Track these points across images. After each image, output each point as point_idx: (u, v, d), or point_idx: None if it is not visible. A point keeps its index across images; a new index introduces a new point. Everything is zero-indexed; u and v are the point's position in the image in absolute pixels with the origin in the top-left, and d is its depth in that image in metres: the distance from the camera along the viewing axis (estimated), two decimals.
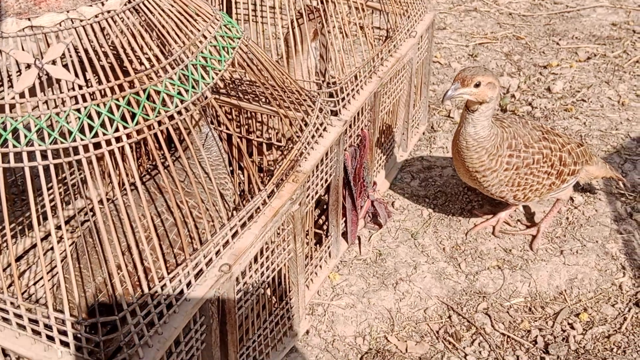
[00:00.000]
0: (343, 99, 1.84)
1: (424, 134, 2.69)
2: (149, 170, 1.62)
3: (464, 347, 1.78)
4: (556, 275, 1.99)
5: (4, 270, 1.75)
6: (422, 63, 2.48)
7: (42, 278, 1.79)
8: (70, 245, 1.51)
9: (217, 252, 1.33)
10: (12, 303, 1.14)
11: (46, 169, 1.17)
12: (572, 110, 2.75)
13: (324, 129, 1.72)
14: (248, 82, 1.83)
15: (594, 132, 2.61)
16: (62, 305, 1.24)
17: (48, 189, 1.10)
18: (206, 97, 1.31)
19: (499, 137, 1.87)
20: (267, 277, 1.55)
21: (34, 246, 1.91)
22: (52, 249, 1.57)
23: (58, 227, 1.62)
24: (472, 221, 2.21)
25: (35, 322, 1.15)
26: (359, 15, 2.10)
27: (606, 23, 3.48)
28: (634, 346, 1.75)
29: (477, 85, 1.77)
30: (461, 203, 2.29)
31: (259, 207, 1.45)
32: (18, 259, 1.90)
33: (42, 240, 1.88)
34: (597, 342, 1.77)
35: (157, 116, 1.21)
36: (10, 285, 1.70)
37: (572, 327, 1.82)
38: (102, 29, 1.24)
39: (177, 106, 1.24)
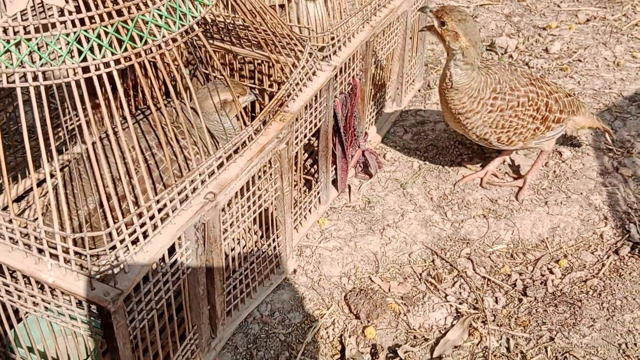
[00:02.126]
0: (334, 45, 1.88)
1: (419, 91, 2.72)
2: (143, 110, 1.67)
3: (445, 288, 1.84)
4: (539, 224, 2.04)
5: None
6: (418, 18, 2.50)
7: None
8: (61, 170, 1.57)
9: (203, 182, 1.38)
10: (4, 218, 1.21)
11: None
12: (567, 70, 2.77)
13: (314, 73, 1.76)
14: (241, 27, 1.87)
15: (587, 90, 2.63)
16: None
17: (40, 116, 1.15)
18: (193, 30, 1.36)
19: (482, 83, 1.92)
20: (254, 213, 1.61)
21: (40, 183, 1.97)
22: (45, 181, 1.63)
23: (50, 153, 1.69)
24: (461, 173, 2.25)
25: (28, 238, 1.21)
26: None
27: None
28: (609, 289, 1.81)
29: (442, 23, 1.88)
30: (451, 156, 2.33)
31: (245, 142, 1.50)
32: (19, 199, 1.97)
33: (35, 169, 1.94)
34: (574, 286, 1.83)
35: (144, 45, 1.26)
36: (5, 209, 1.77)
37: (551, 272, 1.87)
38: None
39: (164, 37, 1.29)
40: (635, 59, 2.83)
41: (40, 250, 1.20)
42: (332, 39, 1.88)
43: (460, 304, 1.79)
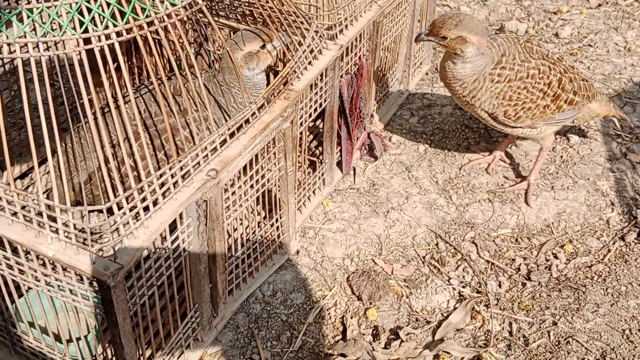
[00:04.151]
0: (340, 23, 1.85)
1: (426, 74, 2.69)
2: (147, 85, 1.65)
3: (448, 272, 1.83)
4: (545, 209, 2.02)
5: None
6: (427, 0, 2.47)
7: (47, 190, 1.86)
8: (61, 142, 1.55)
9: (206, 158, 1.37)
10: (5, 191, 1.20)
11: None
12: (577, 55, 2.73)
13: (319, 52, 1.74)
14: (247, 4, 1.85)
15: (597, 75, 2.60)
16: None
17: (40, 85, 1.13)
18: (197, 4, 1.34)
19: (483, 62, 1.83)
20: (257, 191, 1.60)
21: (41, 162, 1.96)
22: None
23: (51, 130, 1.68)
24: (467, 157, 2.23)
25: (29, 211, 1.20)
26: None
27: None
28: (614, 275, 1.79)
29: (443, 38, 1.79)
30: (458, 140, 2.31)
31: (248, 120, 1.48)
32: (23, 176, 1.97)
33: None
34: (579, 271, 1.81)
35: (147, 17, 1.24)
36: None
37: (556, 257, 1.85)
38: None
39: (167, 9, 1.27)
40: None
41: (40, 224, 1.19)
42: (339, 17, 1.85)
43: (463, 287, 1.78)
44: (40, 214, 1.18)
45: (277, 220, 1.77)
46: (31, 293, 1.46)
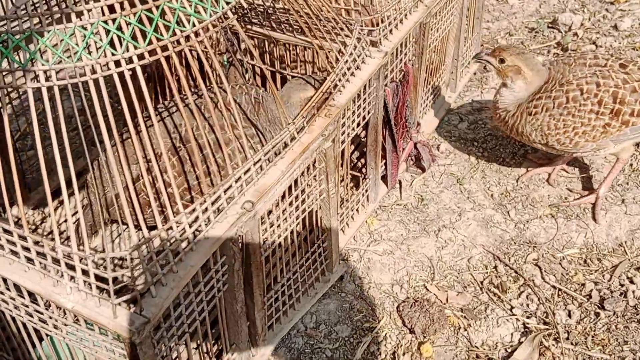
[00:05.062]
0: (384, 28, 1.68)
1: (475, 74, 2.50)
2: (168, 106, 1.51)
3: (510, 299, 1.65)
4: (616, 226, 1.82)
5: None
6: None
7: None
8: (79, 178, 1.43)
9: (240, 189, 1.23)
10: (20, 236, 1.08)
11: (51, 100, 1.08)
12: None
13: (362, 61, 1.58)
14: (282, 11, 1.69)
15: None
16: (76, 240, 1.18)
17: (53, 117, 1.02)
18: (227, 18, 1.19)
19: (524, 98, 1.82)
20: (297, 218, 1.45)
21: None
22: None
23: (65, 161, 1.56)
24: (524, 166, 2.04)
25: (44, 257, 1.08)
26: None
27: None
28: None
29: (501, 61, 1.83)
30: (513, 147, 2.12)
31: (286, 143, 1.34)
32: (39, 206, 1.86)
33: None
34: None
35: (171, 36, 1.10)
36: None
37: (632, 282, 1.66)
38: None
39: (194, 26, 1.13)
40: None
41: (58, 272, 1.06)
42: (383, 21, 1.68)
43: (527, 317, 1.60)
44: (57, 260, 1.05)
45: (319, 246, 1.62)
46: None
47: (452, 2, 2.07)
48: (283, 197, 1.37)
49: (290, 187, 1.37)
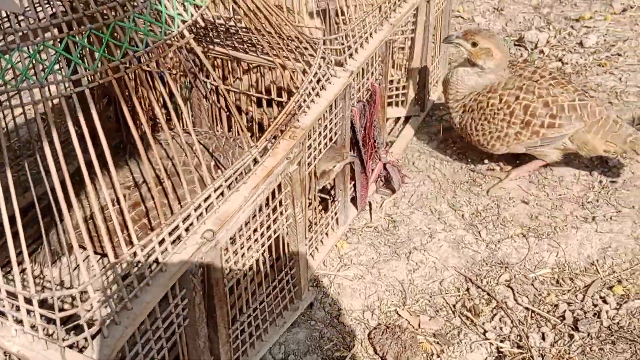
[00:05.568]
0: (349, 47, 1.65)
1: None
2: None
3: (483, 323, 1.61)
4: (587, 244, 1.80)
5: None
6: (442, 13, 2.26)
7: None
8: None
9: (199, 217, 1.16)
10: None
11: None
12: (606, 66, 2.52)
13: (327, 80, 1.54)
14: (245, 30, 1.65)
15: (630, 88, 2.38)
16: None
17: None
18: (184, 37, 1.13)
19: (480, 89, 1.94)
20: (263, 245, 1.39)
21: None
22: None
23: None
24: (493, 183, 2.02)
25: None
26: None
27: None
28: None
29: (474, 44, 1.90)
30: (483, 166, 2.10)
31: (249, 167, 1.28)
32: None
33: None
34: (633, 318, 1.58)
35: (123, 57, 1.04)
36: None
37: (605, 302, 1.63)
38: None
39: (147, 45, 1.07)
40: None
41: (1, 313, 0.98)
42: (348, 40, 1.65)
43: (501, 341, 1.56)
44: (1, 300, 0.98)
45: (287, 273, 1.56)
46: None
47: (418, 18, 2.05)
48: (247, 223, 1.31)
49: (254, 214, 1.31)
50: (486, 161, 2.09)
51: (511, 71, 1.93)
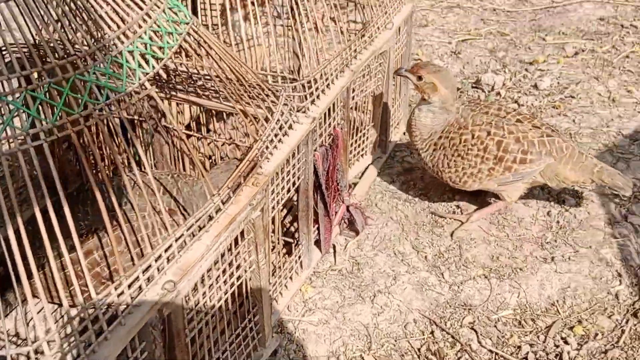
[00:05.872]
0: (312, 93, 1.67)
1: (404, 134, 2.52)
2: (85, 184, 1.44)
3: None
4: (547, 285, 1.83)
5: None
6: (401, 58, 2.32)
7: None
8: None
9: (160, 268, 1.15)
10: None
11: None
12: (560, 108, 2.61)
13: (290, 127, 1.55)
14: (207, 77, 1.66)
15: (584, 129, 2.46)
16: None
17: None
18: (145, 88, 1.14)
19: (440, 127, 1.97)
20: (226, 293, 1.38)
21: None
22: None
23: None
24: (457, 224, 2.05)
25: None
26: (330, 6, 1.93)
27: (593, 18, 3.35)
28: None
29: (419, 78, 1.94)
30: (445, 207, 2.13)
31: (211, 215, 1.27)
32: None
33: None
34: (593, 358, 1.61)
35: (83, 110, 1.04)
36: None
37: (566, 342, 1.65)
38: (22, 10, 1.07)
39: (107, 98, 1.07)
40: (631, 94, 2.68)
41: None
42: (310, 87, 1.67)
43: None
44: None
45: (250, 320, 1.54)
46: None
47: (378, 65, 2.10)
48: (209, 271, 1.30)
49: (216, 261, 1.30)
50: (446, 202, 2.13)
51: (475, 108, 1.97)
